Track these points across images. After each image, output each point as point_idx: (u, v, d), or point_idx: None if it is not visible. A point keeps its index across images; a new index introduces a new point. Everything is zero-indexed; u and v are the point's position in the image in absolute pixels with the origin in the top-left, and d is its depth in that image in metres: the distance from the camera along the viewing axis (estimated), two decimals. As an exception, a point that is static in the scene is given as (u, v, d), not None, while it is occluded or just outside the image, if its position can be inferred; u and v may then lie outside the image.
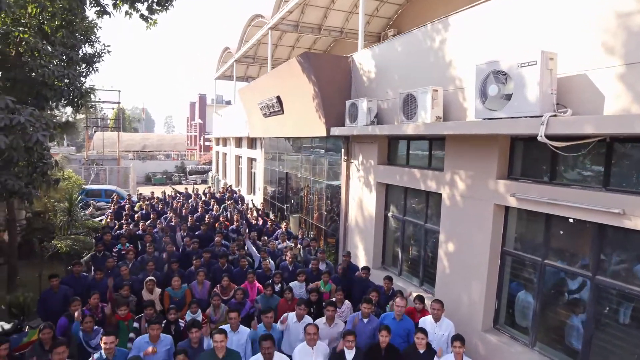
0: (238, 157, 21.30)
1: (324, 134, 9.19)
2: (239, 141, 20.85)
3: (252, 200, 15.52)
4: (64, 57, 7.78)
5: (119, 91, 30.01)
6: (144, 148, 41.12)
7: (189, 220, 10.54)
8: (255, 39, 16.51)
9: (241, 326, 5.25)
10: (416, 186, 7.28)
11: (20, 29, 7.29)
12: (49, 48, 7.51)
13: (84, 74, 8.39)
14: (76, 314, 4.79)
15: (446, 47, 6.49)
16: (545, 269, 5.24)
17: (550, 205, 4.84)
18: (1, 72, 7.36)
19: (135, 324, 5.57)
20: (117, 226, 10.41)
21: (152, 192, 15.61)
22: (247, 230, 9.84)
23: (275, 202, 15.06)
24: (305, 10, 14.31)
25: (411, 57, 7.41)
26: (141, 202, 13.63)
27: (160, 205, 13.26)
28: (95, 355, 4.31)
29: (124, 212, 11.63)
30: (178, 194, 16.03)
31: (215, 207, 12.51)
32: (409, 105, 6.65)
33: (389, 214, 8.52)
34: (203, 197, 15.25)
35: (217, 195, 16.28)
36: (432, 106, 6.21)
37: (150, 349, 4.37)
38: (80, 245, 8.88)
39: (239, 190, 18.87)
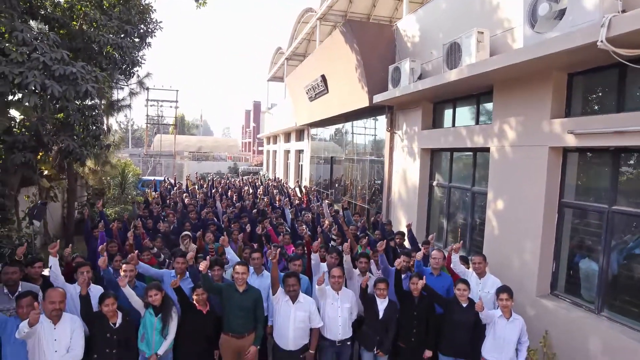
0: (287, 152, 21.56)
1: (367, 104, 8.89)
2: (287, 136, 21.15)
3: (297, 183, 15.57)
4: (120, 30, 8.29)
5: (177, 91, 31.69)
6: (200, 149, 43.20)
7: (234, 198, 10.86)
8: (304, 32, 16.68)
9: (265, 271, 5.07)
10: (462, 144, 6.72)
11: (83, 2, 7.92)
12: (107, 21, 8.04)
13: (138, 47, 8.88)
14: (100, 247, 4.97)
15: (494, -12, 6.01)
16: (614, 218, 4.49)
17: (618, 135, 4.14)
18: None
19: None
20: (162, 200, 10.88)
21: (203, 180, 16.35)
22: (288, 204, 9.88)
23: (321, 189, 14.98)
24: (353, -1, 14.27)
25: (456, 10, 6.98)
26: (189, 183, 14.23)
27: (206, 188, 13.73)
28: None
29: (172, 192, 12.17)
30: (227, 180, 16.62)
31: (260, 191, 12.77)
32: (453, 55, 6.20)
33: (434, 183, 7.96)
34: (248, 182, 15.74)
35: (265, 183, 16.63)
36: (478, 49, 5.71)
37: (173, 281, 4.32)
38: (127, 212, 9.27)
39: (286, 181, 19.02)
